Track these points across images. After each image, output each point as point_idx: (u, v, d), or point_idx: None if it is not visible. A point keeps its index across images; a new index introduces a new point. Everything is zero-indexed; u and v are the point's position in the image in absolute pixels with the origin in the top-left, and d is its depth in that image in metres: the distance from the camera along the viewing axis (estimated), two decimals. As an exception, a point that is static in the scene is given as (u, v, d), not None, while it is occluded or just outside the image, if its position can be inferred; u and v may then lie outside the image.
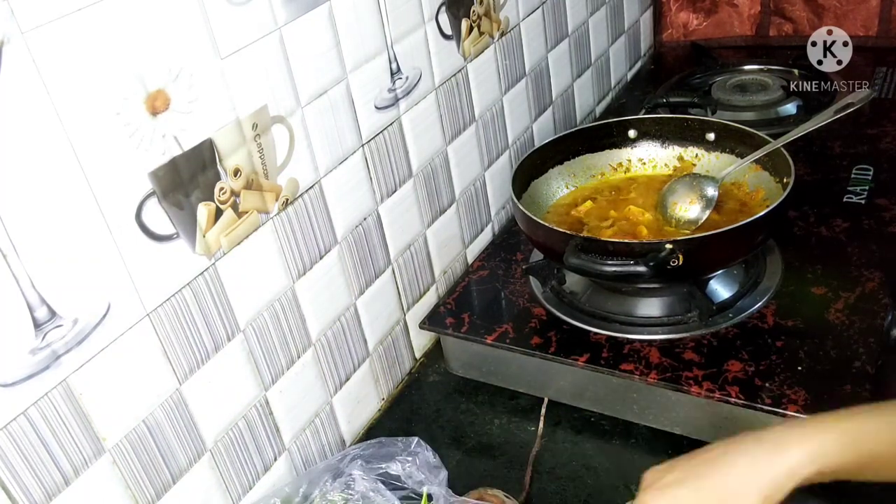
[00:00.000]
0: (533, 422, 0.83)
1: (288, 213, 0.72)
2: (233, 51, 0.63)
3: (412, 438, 0.74)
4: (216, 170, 0.63)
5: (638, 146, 1.01)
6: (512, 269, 0.97)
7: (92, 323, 0.55)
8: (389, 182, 0.85)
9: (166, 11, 0.57)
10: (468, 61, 0.96)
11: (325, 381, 0.80)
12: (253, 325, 0.69)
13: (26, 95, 0.49)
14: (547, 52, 1.15)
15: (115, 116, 0.54)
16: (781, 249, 0.90)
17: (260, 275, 0.69)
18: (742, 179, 0.93)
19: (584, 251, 0.77)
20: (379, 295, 0.87)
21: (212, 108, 0.62)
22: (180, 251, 0.61)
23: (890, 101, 1.21)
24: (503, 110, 1.06)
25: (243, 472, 0.71)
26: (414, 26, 0.85)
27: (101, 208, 0.54)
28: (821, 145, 1.10)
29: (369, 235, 0.84)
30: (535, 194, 0.96)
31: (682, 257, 0.74)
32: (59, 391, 0.53)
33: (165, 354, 0.61)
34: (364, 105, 0.79)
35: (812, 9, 1.42)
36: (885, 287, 0.82)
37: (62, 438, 0.54)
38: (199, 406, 0.65)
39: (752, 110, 1.20)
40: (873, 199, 0.98)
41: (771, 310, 0.82)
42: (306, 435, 0.78)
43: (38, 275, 0.51)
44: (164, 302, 0.60)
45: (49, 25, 0.49)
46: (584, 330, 0.83)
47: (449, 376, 0.92)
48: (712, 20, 1.52)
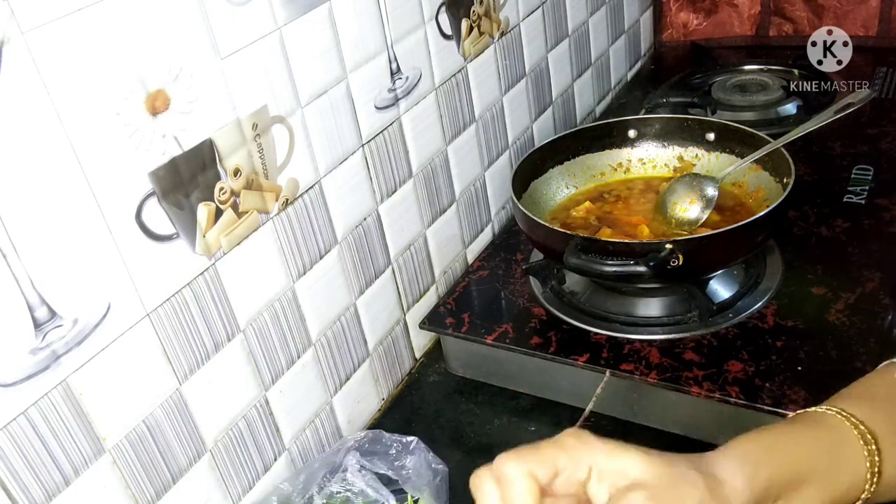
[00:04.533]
0: (533, 422, 0.83)
1: (288, 213, 0.72)
2: (233, 51, 0.63)
3: (411, 438, 0.74)
4: (216, 170, 0.63)
5: (638, 146, 1.01)
6: (512, 269, 0.97)
7: (92, 323, 0.55)
8: (389, 182, 0.85)
9: (166, 11, 0.57)
10: (468, 61, 0.96)
11: (325, 381, 0.80)
12: (253, 325, 0.69)
13: (26, 95, 0.49)
14: (547, 52, 1.15)
15: (115, 116, 0.54)
16: (781, 249, 0.90)
17: (260, 275, 0.69)
18: (742, 179, 0.93)
19: (584, 251, 0.77)
20: (379, 295, 0.87)
21: (212, 108, 0.62)
22: (180, 251, 0.61)
23: (890, 101, 1.21)
24: (503, 110, 1.06)
25: (243, 472, 0.71)
26: (414, 26, 0.85)
27: (101, 208, 0.54)
28: (821, 145, 1.10)
29: (369, 235, 0.84)
30: (535, 194, 0.96)
31: (682, 257, 0.74)
32: (59, 391, 0.53)
33: (165, 354, 0.61)
34: (364, 105, 0.79)
35: (812, 9, 1.42)
36: (886, 287, 0.82)
37: (62, 438, 0.54)
38: (199, 406, 0.65)
39: (752, 110, 1.20)
40: (873, 199, 0.98)
41: (771, 310, 0.82)
42: (306, 435, 0.78)
43: (38, 275, 0.51)
44: (164, 302, 0.60)
45: (49, 25, 0.49)
46: (584, 330, 0.83)
47: (449, 376, 0.92)
48: (712, 20, 1.52)
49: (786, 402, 0.71)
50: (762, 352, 0.77)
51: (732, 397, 0.72)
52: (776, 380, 0.73)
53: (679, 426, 0.77)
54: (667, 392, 0.76)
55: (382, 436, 0.74)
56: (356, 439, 0.74)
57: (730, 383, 0.74)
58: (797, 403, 0.70)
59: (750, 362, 0.76)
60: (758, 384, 0.73)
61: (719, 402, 0.73)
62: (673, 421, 0.78)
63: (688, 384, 0.75)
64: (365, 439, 0.74)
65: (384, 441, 0.74)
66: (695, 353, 0.78)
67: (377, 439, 0.74)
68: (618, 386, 0.79)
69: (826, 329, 0.78)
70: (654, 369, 0.77)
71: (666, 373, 0.76)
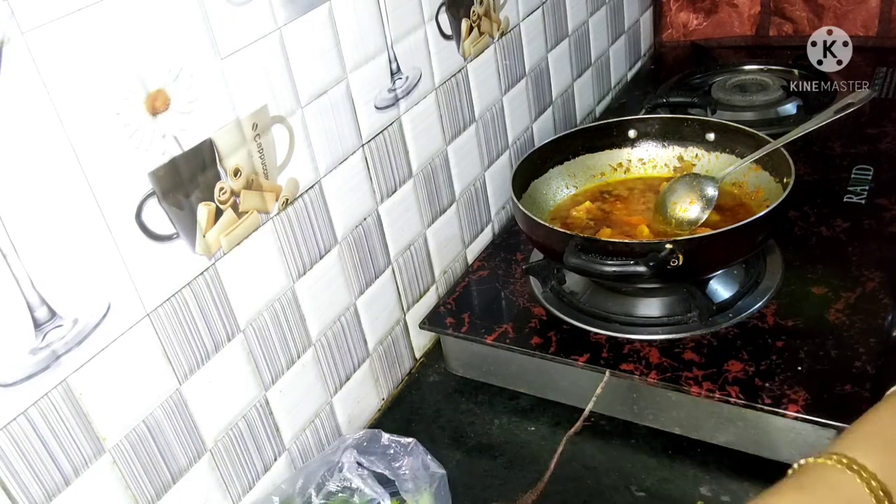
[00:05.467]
0: (533, 422, 0.83)
1: (288, 213, 0.72)
2: (233, 51, 0.63)
3: (409, 440, 0.74)
4: (216, 170, 0.63)
5: (638, 146, 1.01)
6: (512, 269, 0.97)
7: (92, 323, 0.55)
8: (389, 182, 0.85)
9: (166, 11, 0.57)
10: (468, 61, 0.96)
11: (325, 381, 0.80)
12: (253, 325, 0.69)
13: (26, 95, 0.49)
14: (547, 52, 1.15)
15: (115, 116, 0.54)
16: (782, 249, 0.90)
17: (260, 275, 0.69)
18: (742, 179, 0.93)
19: (584, 251, 0.77)
20: (379, 295, 0.87)
21: (212, 108, 0.62)
22: (180, 251, 0.61)
23: (890, 101, 1.21)
24: (503, 110, 1.06)
25: (243, 472, 0.71)
26: (414, 26, 0.85)
27: (101, 208, 0.54)
28: (821, 145, 1.10)
29: (369, 235, 0.84)
30: (535, 194, 0.96)
31: (682, 257, 0.74)
32: (59, 391, 0.53)
33: (165, 354, 0.61)
34: (364, 105, 0.79)
35: (812, 9, 1.42)
36: (886, 287, 0.82)
37: (62, 438, 0.54)
38: (199, 406, 0.65)
39: (752, 110, 1.20)
40: (873, 199, 0.98)
41: (771, 310, 0.82)
42: (306, 435, 0.78)
43: (38, 275, 0.51)
44: (164, 302, 0.60)
45: (49, 25, 0.49)
46: (584, 330, 0.83)
47: (449, 376, 0.92)
48: (712, 20, 1.52)
49: (785, 401, 0.71)
50: (762, 352, 0.77)
51: (732, 397, 0.72)
52: (776, 380, 0.73)
53: (679, 426, 0.77)
54: (667, 392, 0.76)
55: (381, 435, 0.74)
56: (355, 438, 0.74)
57: (730, 383, 0.74)
58: (797, 403, 0.70)
59: (750, 362, 0.76)
60: (758, 384, 0.73)
61: (719, 402, 0.73)
62: (673, 421, 0.78)
63: (688, 384, 0.75)
64: (363, 438, 0.74)
65: (382, 441, 0.74)
66: (695, 353, 0.78)
67: (375, 439, 0.74)
68: (618, 386, 0.79)
69: (826, 329, 0.78)
70: (653, 369, 0.77)
71: (666, 373, 0.76)
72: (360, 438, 0.74)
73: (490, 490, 0.76)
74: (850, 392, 0.71)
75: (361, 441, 0.74)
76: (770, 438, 0.72)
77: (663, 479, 0.74)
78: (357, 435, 0.75)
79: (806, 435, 0.70)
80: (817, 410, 0.69)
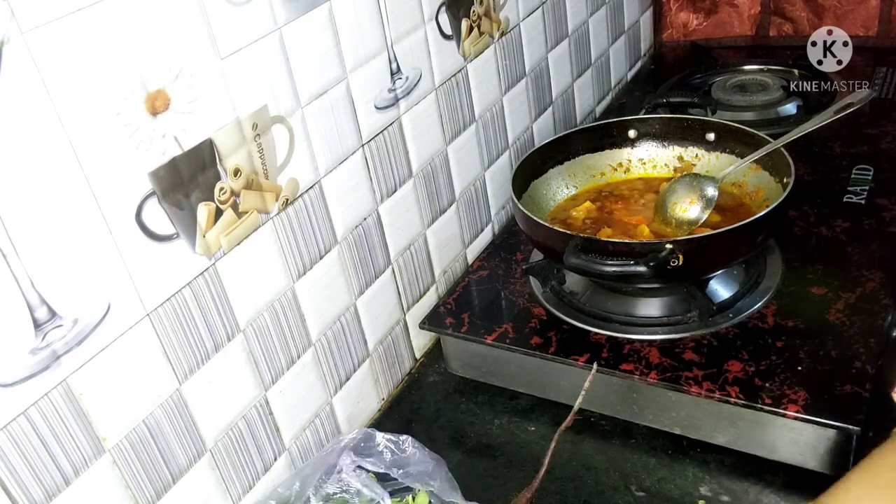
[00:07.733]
0: (533, 422, 0.83)
1: (288, 213, 0.72)
2: (233, 51, 0.63)
3: (404, 437, 0.74)
4: (216, 170, 0.63)
5: (638, 146, 1.01)
6: (512, 269, 0.97)
7: (92, 323, 0.55)
8: (389, 182, 0.85)
9: (166, 11, 0.57)
10: (468, 61, 0.96)
11: (325, 381, 0.80)
12: (253, 325, 0.69)
13: (26, 95, 0.49)
14: (547, 52, 1.15)
15: (115, 116, 0.54)
16: (781, 249, 0.90)
17: (260, 275, 0.69)
18: (742, 179, 0.93)
19: (584, 251, 0.77)
20: (379, 295, 0.87)
21: (212, 108, 0.62)
22: (180, 251, 0.61)
23: (890, 101, 1.21)
24: (503, 110, 1.06)
25: (243, 472, 0.71)
26: (414, 26, 0.85)
27: (101, 208, 0.54)
28: (821, 145, 1.10)
29: (369, 235, 0.84)
30: (535, 194, 0.96)
31: (682, 257, 0.74)
32: (59, 391, 0.53)
33: (165, 354, 0.61)
34: (364, 105, 0.79)
35: (812, 9, 1.42)
36: (886, 287, 0.82)
37: (62, 438, 0.54)
38: (199, 406, 0.65)
39: (752, 110, 1.20)
40: (873, 199, 0.98)
41: (771, 310, 0.82)
42: (306, 435, 0.78)
43: (38, 275, 0.51)
44: (164, 302, 0.60)
45: (49, 25, 0.49)
46: (584, 330, 0.83)
47: (449, 376, 0.92)
48: (712, 20, 1.52)
49: (785, 401, 0.71)
50: (762, 352, 0.77)
51: (732, 397, 0.72)
52: (776, 380, 0.73)
53: (679, 426, 0.77)
54: (667, 392, 0.76)
55: (374, 435, 0.74)
56: (350, 439, 0.74)
57: (730, 383, 0.74)
58: (797, 403, 0.70)
59: (750, 362, 0.76)
60: (758, 384, 0.73)
61: (719, 402, 0.73)
62: (673, 421, 0.78)
63: (688, 384, 0.75)
64: (357, 439, 0.74)
65: (376, 440, 0.74)
66: (695, 353, 0.78)
67: (370, 438, 0.74)
68: (618, 386, 0.79)
69: (826, 329, 0.78)
70: (653, 369, 0.77)
71: (666, 373, 0.76)
72: (355, 439, 0.74)
73: (490, 490, 0.76)
74: (849, 392, 0.71)
75: (357, 442, 0.74)
76: (770, 438, 0.73)
77: (663, 479, 0.74)
78: (351, 435, 0.75)
79: (806, 435, 0.70)
80: (817, 410, 0.69)
